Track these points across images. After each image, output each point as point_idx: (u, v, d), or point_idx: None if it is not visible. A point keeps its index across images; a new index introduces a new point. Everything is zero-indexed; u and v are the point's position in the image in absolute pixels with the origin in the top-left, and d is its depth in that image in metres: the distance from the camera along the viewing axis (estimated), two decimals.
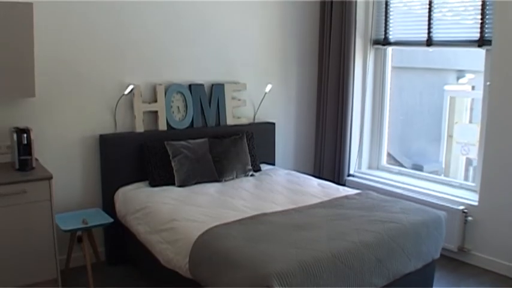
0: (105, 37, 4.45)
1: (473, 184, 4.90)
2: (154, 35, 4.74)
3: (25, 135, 3.73)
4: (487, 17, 4.52)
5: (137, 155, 4.56)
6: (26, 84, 3.77)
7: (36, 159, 3.88)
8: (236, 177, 4.80)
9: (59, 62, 4.22)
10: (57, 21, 4.18)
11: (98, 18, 4.39)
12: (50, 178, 3.61)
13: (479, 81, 4.88)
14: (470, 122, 6.55)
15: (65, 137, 4.32)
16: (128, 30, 4.57)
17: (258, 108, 5.50)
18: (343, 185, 5.34)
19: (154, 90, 4.74)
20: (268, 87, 5.47)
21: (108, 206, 4.44)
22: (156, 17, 4.72)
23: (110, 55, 4.50)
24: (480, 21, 4.57)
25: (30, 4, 3.72)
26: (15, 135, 3.72)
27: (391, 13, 5.50)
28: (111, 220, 4.12)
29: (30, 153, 3.74)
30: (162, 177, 4.47)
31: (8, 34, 3.65)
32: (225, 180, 4.70)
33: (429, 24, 5.03)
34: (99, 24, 4.40)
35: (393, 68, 5.77)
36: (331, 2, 5.63)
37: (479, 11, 4.57)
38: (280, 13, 5.60)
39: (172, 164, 4.48)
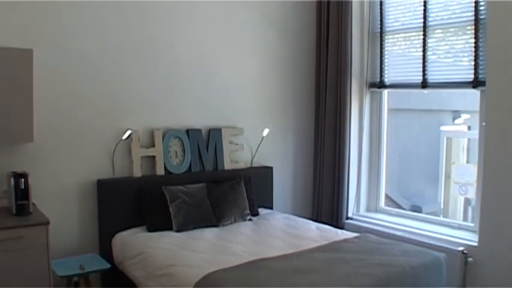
0: (104, 82, 4.50)
1: (472, 224, 4.87)
2: (152, 80, 4.79)
3: (23, 180, 3.72)
4: (480, 58, 4.59)
5: (135, 200, 4.55)
6: (25, 129, 3.80)
7: (34, 204, 3.85)
8: (234, 221, 4.77)
9: (58, 107, 4.25)
10: (56, 67, 4.22)
11: (96, 64, 4.45)
12: (47, 223, 3.58)
13: (475, 121, 4.91)
14: (468, 162, 6.58)
15: (63, 181, 4.32)
16: (126, 76, 4.62)
17: (255, 153, 5.51)
18: (342, 228, 5.30)
19: (152, 135, 4.76)
20: (266, 132, 5.50)
21: (106, 251, 4.40)
22: (153, 63, 4.78)
23: (108, 100, 4.54)
24: (474, 62, 4.64)
25: (30, 50, 3.79)
26: (12, 180, 3.71)
27: (386, 56, 5.57)
28: (108, 266, 4.09)
29: (27, 198, 3.72)
30: (159, 222, 4.45)
31: (8, 79, 3.70)
32: (223, 225, 4.67)
33: (424, 66, 5.08)
34: (97, 70, 4.46)
35: (389, 110, 5.81)
36: (327, 45, 5.71)
37: (473, 53, 4.64)
38: (277, 56, 5.68)
39: (170, 209, 4.46)
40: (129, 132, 4.55)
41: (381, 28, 5.57)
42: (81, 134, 4.40)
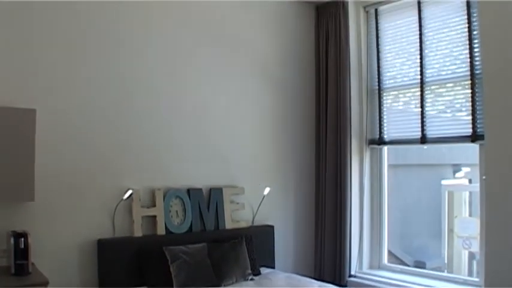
0: (105, 143, 4.52)
1: (477, 279, 4.79)
2: (152, 140, 4.81)
3: (22, 239, 3.67)
4: (477, 112, 4.65)
5: (135, 260, 4.48)
6: (26, 188, 3.79)
7: (33, 264, 3.79)
8: (236, 281, 4.70)
9: (59, 166, 4.24)
10: (58, 127, 4.26)
11: (97, 124, 4.48)
12: (46, 284, 3.50)
13: (476, 174, 4.92)
14: (470, 215, 6.53)
15: (63, 240, 4.26)
16: (127, 135, 4.66)
17: (256, 212, 5.48)
18: (345, 286, 5.22)
19: (153, 194, 4.75)
20: (267, 190, 5.50)
21: None
22: (153, 122, 4.82)
23: (109, 160, 4.55)
24: (471, 116, 4.69)
25: (34, 110, 3.83)
26: (12, 240, 3.66)
27: (384, 112, 5.65)
28: None
29: (26, 257, 3.66)
30: (160, 282, 4.36)
31: (11, 138, 3.73)
32: (225, 285, 4.59)
33: (422, 122, 5.15)
34: (98, 129, 4.49)
35: (390, 165, 5.83)
36: (326, 102, 5.81)
37: (470, 107, 4.70)
38: (277, 114, 5.75)
39: (171, 269, 4.40)
40: (130, 192, 4.55)
41: (379, 85, 5.68)
42: (82, 194, 4.38)
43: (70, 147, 4.33)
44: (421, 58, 5.20)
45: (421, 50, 5.21)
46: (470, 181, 6.73)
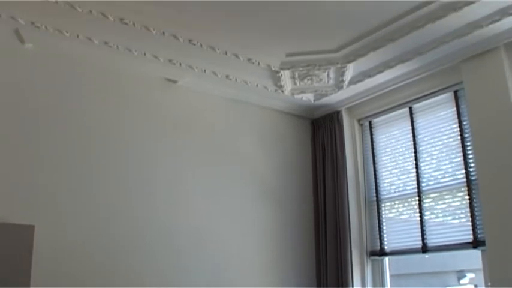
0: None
1: None
2: (153, 260, 4.73)
3: None
4: (477, 218, 4.65)
5: None
6: None
7: None
8: None
9: (57, 283, 4.12)
10: (57, 244, 4.21)
11: (96, 242, 4.45)
12: None
13: (481, 279, 4.81)
14: None
15: None
16: (127, 256, 4.60)
17: None
18: None
19: None
20: None
21: None
22: (153, 243, 4.78)
23: (109, 277, 4.44)
24: (471, 222, 4.69)
25: (32, 226, 3.82)
26: None
27: (384, 223, 5.64)
28: None
29: None
30: None
31: (7, 255, 3.69)
32: None
33: (422, 230, 5.13)
34: (97, 247, 4.44)
35: (392, 276, 5.71)
36: (325, 215, 5.82)
37: (469, 213, 4.71)
38: (275, 228, 5.71)
39: None
40: None
41: (377, 196, 5.72)
42: None
43: (69, 264, 4.26)
44: (416, 167, 5.28)
45: (416, 158, 5.31)
46: (476, 286, 6.59)
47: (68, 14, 4.12)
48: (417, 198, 5.24)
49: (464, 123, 4.87)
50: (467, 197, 4.77)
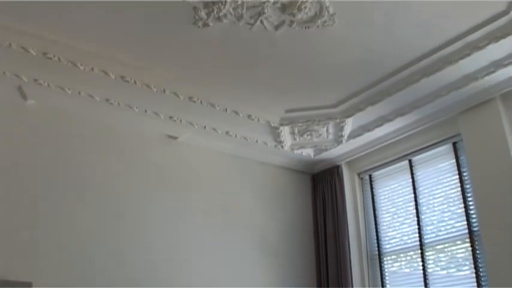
0: None
1: None
2: None
3: None
4: (480, 269, 4.59)
5: None
6: None
7: None
8: None
9: None
10: None
11: None
12: None
13: None
14: None
15: None
16: None
17: None
18: None
19: None
20: None
21: None
22: None
23: None
24: (475, 274, 4.62)
25: (30, 283, 3.78)
26: None
27: (386, 277, 5.56)
28: None
29: None
30: None
31: None
32: None
33: (425, 283, 5.05)
34: None
35: None
36: (327, 271, 5.75)
37: (472, 265, 4.65)
38: (277, 284, 5.62)
39: None
40: None
41: (379, 249, 5.67)
42: None
43: None
44: (418, 219, 5.26)
45: (417, 211, 5.29)
46: None
47: (70, 71, 4.21)
48: (419, 251, 5.19)
49: (464, 174, 4.89)
50: (470, 248, 4.72)
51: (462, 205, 4.86)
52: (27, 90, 4.40)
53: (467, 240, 4.76)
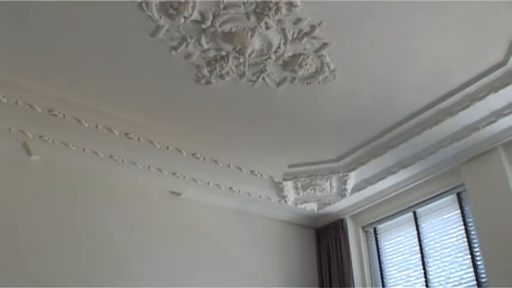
0: None
1: None
2: None
3: None
4: None
5: None
6: None
7: None
8: None
9: None
10: None
11: None
12: None
13: None
14: None
15: None
16: None
17: None
18: None
19: None
20: None
21: None
22: None
23: None
24: None
25: None
26: None
27: None
28: None
29: None
30: None
31: None
32: None
33: None
34: None
35: None
36: None
37: None
38: None
39: None
40: None
41: None
42: None
43: None
44: (424, 271, 5.19)
45: (423, 263, 5.24)
46: None
47: (75, 128, 4.25)
48: None
49: (470, 224, 4.86)
50: None
51: (469, 256, 4.81)
52: (32, 146, 4.44)
53: None
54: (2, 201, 4.24)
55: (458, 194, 5.06)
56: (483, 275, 4.64)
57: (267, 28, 3.33)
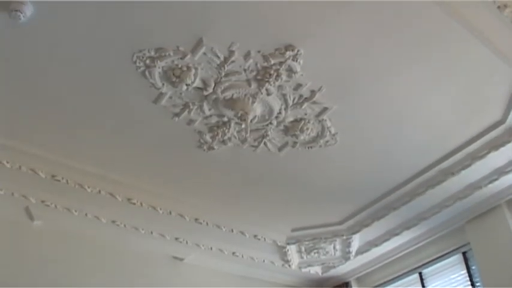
0: None
1: None
2: None
3: None
4: None
5: None
6: None
7: None
8: None
9: None
10: None
11: None
12: None
13: None
14: None
15: None
16: None
17: None
18: None
19: None
20: None
21: None
22: None
23: None
24: None
25: None
26: None
27: None
28: None
29: None
30: None
31: None
32: None
33: None
34: None
35: None
36: None
37: None
38: None
39: None
40: None
41: None
42: None
43: None
44: None
45: None
46: None
47: (77, 194, 4.25)
48: None
49: (477, 284, 4.79)
50: None
51: None
52: (34, 211, 4.42)
53: None
54: (3, 266, 4.18)
55: (464, 254, 5.01)
56: None
57: (268, 94, 3.38)
